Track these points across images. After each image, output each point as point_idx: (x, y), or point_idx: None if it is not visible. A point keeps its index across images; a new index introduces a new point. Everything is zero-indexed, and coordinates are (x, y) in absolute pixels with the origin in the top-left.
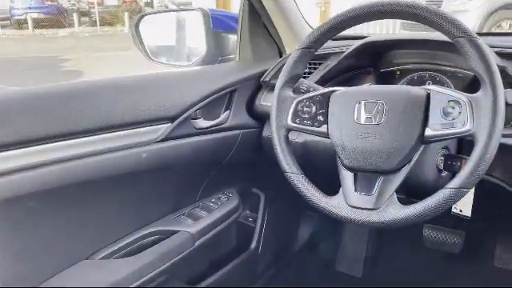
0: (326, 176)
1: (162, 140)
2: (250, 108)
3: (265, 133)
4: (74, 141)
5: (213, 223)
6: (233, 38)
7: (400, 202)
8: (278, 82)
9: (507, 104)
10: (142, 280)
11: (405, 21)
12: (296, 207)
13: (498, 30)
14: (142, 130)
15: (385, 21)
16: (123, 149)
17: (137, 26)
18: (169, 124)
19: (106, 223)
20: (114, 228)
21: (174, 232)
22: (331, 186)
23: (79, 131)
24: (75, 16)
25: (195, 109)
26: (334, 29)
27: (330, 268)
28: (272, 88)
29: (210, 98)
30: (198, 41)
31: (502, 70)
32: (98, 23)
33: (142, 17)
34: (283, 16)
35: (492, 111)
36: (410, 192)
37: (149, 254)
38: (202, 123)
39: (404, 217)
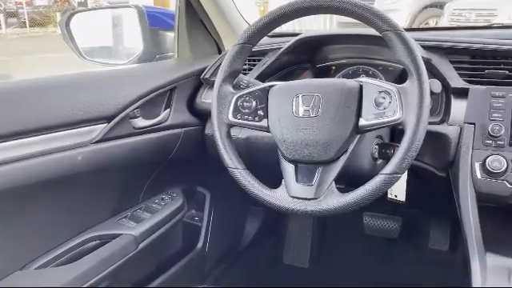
0: (269, 170)
1: (99, 141)
2: (191, 106)
3: (207, 130)
4: (2, 144)
5: (156, 224)
6: (171, 36)
7: (340, 191)
8: (218, 78)
9: (432, 93)
10: (83, 287)
11: (341, 20)
12: (242, 203)
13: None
14: (76, 131)
15: (322, 21)
16: (57, 151)
17: (67, 24)
18: (105, 124)
19: (42, 231)
20: (51, 235)
21: (116, 236)
22: (275, 179)
23: (8, 134)
24: (1, 17)
25: (133, 108)
26: (270, 24)
27: (278, 261)
28: (212, 85)
29: (149, 97)
30: (135, 39)
31: (427, 62)
32: (27, 24)
33: (73, 14)
34: (220, 13)
35: (419, 100)
36: (349, 181)
37: (89, 260)
38: (141, 122)
39: (343, 204)
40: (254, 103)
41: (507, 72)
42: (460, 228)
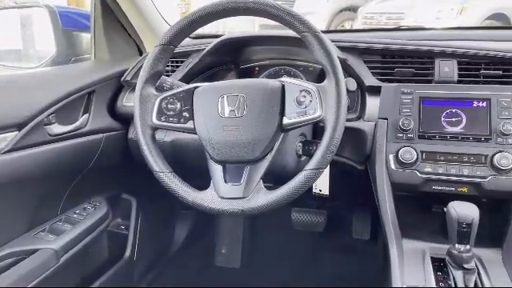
0: (198, 172)
1: (9, 151)
2: (112, 110)
3: (130, 134)
4: None
5: (79, 236)
6: (87, 37)
7: (268, 189)
8: (139, 81)
9: (348, 91)
10: None
11: (263, 23)
12: (170, 208)
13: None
14: None
15: (245, 24)
16: None
17: None
18: (16, 132)
19: None
20: None
21: (35, 251)
22: (204, 181)
23: None
24: None
25: (47, 113)
26: (191, 25)
27: (210, 264)
28: (134, 87)
29: (65, 101)
30: (47, 41)
31: (343, 62)
32: None
33: None
34: (139, 13)
35: (336, 98)
36: (276, 179)
37: (7, 278)
38: (57, 129)
39: (271, 201)
40: (178, 105)
41: (414, 70)
42: (379, 217)
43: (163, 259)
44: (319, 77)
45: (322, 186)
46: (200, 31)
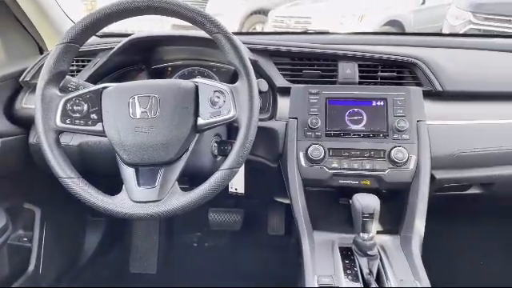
0: (109, 176)
1: None
2: (10, 113)
3: (31, 139)
4: None
5: None
6: None
7: (185, 191)
8: (40, 81)
9: (260, 92)
10: None
11: (176, 23)
12: (79, 216)
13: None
14: None
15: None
16: None
17: None
18: None
19: None
20: None
21: None
22: (116, 185)
23: None
24: None
25: None
26: (96, 22)
27: (124, 272)
28: (34, 88)
29: None
30: None
31: (254, 63)
32: None
33: None
34: (39, 10)
35: (249, 98)
36: (192, 180)
37: None
38: None
39: (187, 202)
40: (85, 106)
41: (320, 72)
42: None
43: (73, 271)
44: (232, 78)
45: (238, 184)
46: (107, 29)
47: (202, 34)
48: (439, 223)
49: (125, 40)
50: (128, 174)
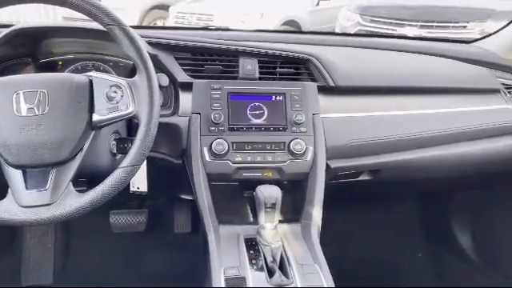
0: None
1: None
2: None
3: None
4: None
5: None
6: None
7: (83, 193)
8: None
9: (161, 86)
10: None
11: (67, 15)
12: None
13: None
14: None
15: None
16: None
17: None
18: None
19: None
20: None
21: None
22: (1, 190)
23: None
24: None
25: None
26: None
27: (16, 285)
28: None
29: None
30: None
31: (154, 57)
32: None
33: None
34: None
35: (149, 93)
36: (90, 180)
37: None
38: None
39: (83, 204)
40: None
41: (221, 67)
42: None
43: None
44: (131, 72)
45: (140, 183)
46: None
47: (95, 25)
48: (335, 210)
49: (7, 31)
50: (14, 176)
